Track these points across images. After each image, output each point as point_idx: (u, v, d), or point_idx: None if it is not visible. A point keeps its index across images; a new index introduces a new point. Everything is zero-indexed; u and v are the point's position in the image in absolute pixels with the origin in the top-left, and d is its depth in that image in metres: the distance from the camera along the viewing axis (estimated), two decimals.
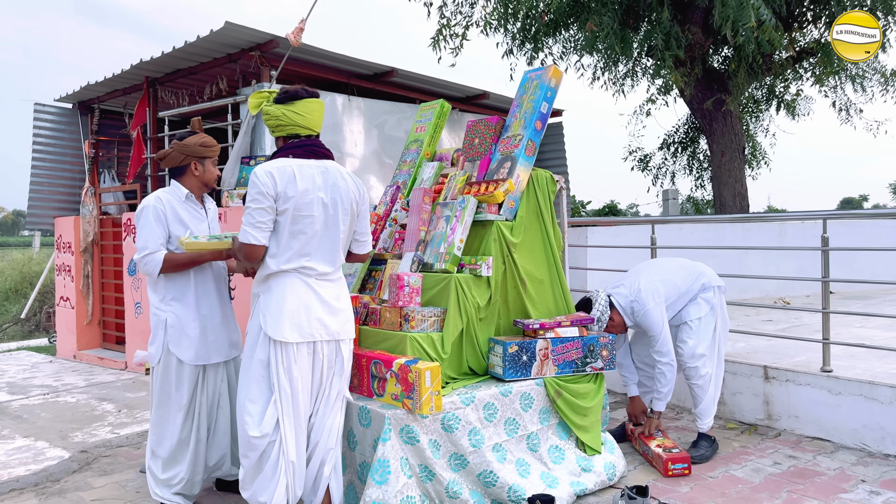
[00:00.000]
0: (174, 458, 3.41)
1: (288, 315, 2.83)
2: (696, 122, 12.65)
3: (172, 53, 6.44)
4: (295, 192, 2.81)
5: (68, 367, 7.58)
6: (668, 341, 3.99)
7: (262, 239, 2.82)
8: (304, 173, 2.85)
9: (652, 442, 4.09)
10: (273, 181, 2.78)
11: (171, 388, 3.39)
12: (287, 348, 2.83)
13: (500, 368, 3.57)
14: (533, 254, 3.86)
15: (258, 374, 2.86)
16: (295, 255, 2.87)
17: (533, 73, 4.06)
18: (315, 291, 2.91)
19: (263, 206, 2.79)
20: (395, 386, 3.17)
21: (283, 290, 2.86)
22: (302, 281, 2.89)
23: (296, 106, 2.95)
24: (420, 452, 3.14)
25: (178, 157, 3.46)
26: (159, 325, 3.38)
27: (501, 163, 3.87)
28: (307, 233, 2.86)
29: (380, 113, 7.06)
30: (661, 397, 4.09)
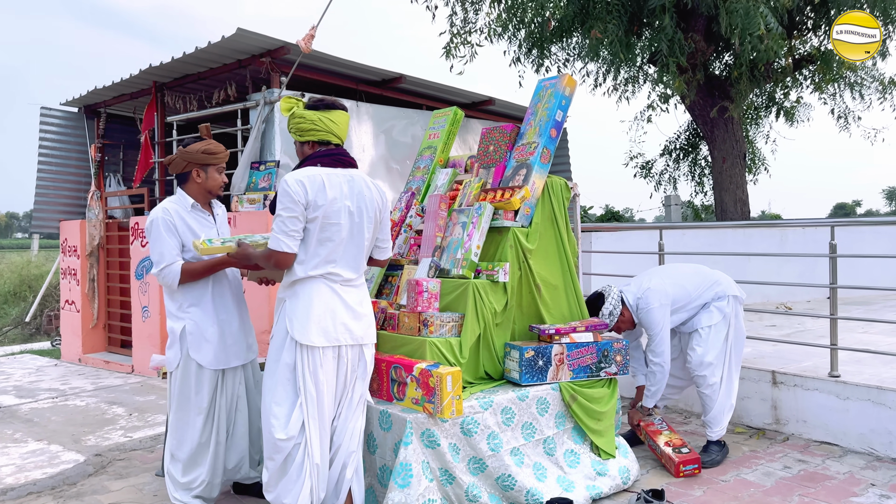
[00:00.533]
0: (194, 461, 3.44)
1: (315, 320, 2.87)
2: (697, 129, 12.74)
3: (182, 59, 6.49)
4: (325, 200, 2.86)
5: (74, 370, 7.59)
6: (663, 343, 4.06)
7: (293, 247, 2.86)
8: (333, 182, 2.91)
9: (660, 438, 4.13)
10: (304, 189, 2.83)
11: (190, 393, 3.42)
12: (313, 352, 2.88)
13: (517, 373, 3.61)
14: (548, 260, 3.91)
15: (284, 377, 2.90)
16: (322, 262, 2.91)
17: (547, 81, 4.11)
18: (340, 297, 2.96)
19: (295, 215, 2.83)
20: (416, 390, 3.21)
21: (310, 295, 2.90)
22: (328, 286, 2.94)
23: (332, 114, 3.04)
24: (440, 456, 3.18)
25: (180, 164, 3.47)
26: (178, 331, 3.41)
27: (517, 170, 3.92)
28: (334, 240, 2.91)
29: (387, 118, 7.12)
30: (651, 395, 4.18)
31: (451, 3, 9.11)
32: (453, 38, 9.02)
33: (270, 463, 2.94)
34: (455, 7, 9.12)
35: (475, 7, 9.27)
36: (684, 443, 4.09)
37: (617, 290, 4.15)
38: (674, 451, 4.01)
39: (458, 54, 8.99)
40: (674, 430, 4.22)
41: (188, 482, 3.43)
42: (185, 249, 3.41)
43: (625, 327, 4.19)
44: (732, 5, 7.01)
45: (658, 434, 4.18)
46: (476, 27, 9.28)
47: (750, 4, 6.81)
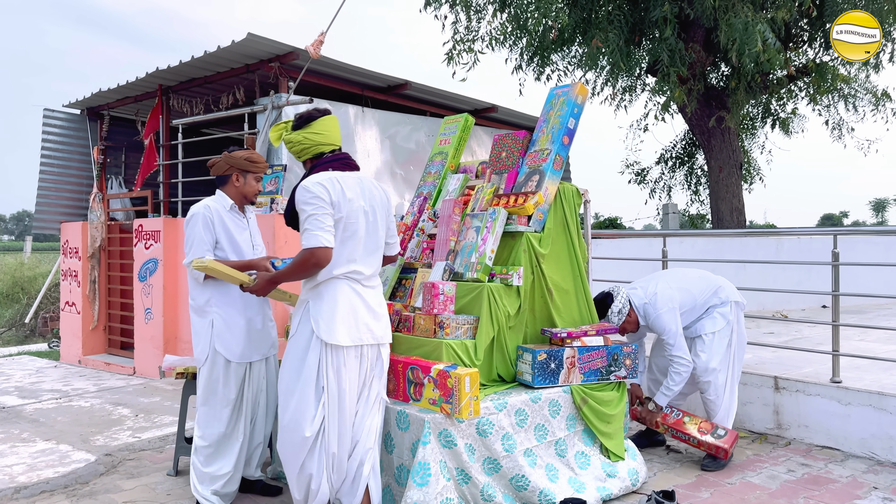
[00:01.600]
0: (219, 451, 3.51)
1: (340, 320, 2.96)
2: (693, 138, 12.88)
3: (190, 62, 6.53)
4: (345, 201, 2.97)
5: (74, 372, 7.59)
6: (683, 342, 4.10)
7: (332, 241, 2.91)
8: (348, 184, 3.03)
9: (690, 427, 4.19)
10: (326, 191, 2.92)
11: (218, 386, 3.50)
12: (338, 351, 2.96)
13: (529, 376, 3.67)
14: (559, 265, 3.98)
15: (309, 376, 2.97)
16: (345, 261, 3.01)
17: (559, 89, 4.19)
18: (362, 297, 3.06)
19: (328, 212, 2.91)
20: (433, 391, 3.27)
21: (335, 295, 2.98)
22: (350, 287, 3.03)
23: (313, 127, 3.16)
24: (457, 456, 3.24)
25: (223, 167, 3.64)
26: (205, 326, 3.50)
27: (529, 176, 3.99)
28: (354, 239, 3.02)
29: (392, 124, 7.18)
30: (669, 393, 4.19)
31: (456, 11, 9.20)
32: (456, 44, 9.11)
33: (289, 457, 3.02)
34: (459, 15, 9.22)
35: (479, 15, 9.38)
36: (713, 424, 4.18)
37: (625, 291, 4.22)
38: (713, 437, 4.11)
39: (460, 61, 9.09)
40: (692, 415, 4.29)
41: (212, 472, 3.49)
42: (219, 247, 3.54)
43: (630, 328, 4.26)
44: (731, 19, 7.14)
45: (683, 424, 4.23)
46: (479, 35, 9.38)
47: (748, 19, 6.94)
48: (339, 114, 6.74)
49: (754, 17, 6.93)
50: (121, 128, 8.73)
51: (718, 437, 4.13)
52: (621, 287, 4.24)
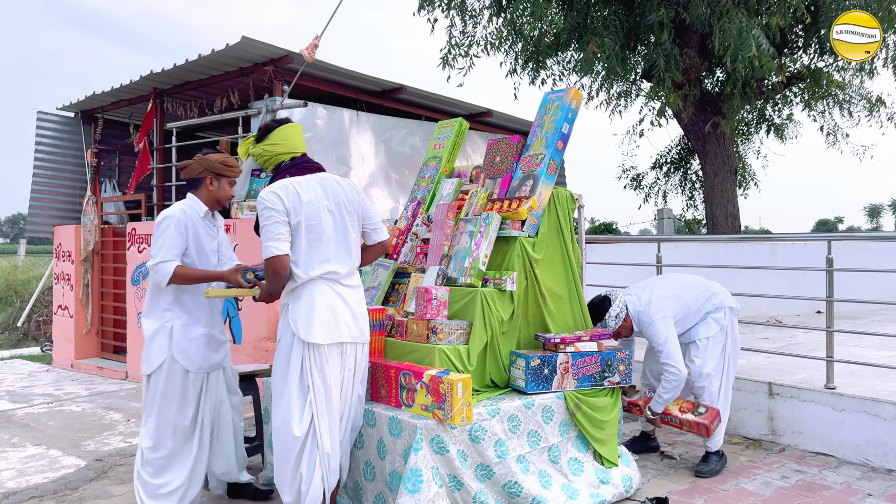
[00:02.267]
0: (171, 464, 3.38)
1: (318, 318, 3.02)
2: (688, 144, 12.90)
3: (184, 66, 6.51)
4: (301, 204, 3.03)
5: (67, 376, 7.55)
6: (674, 351, 4.07)
7: (284, 248, 2.98)
8: (304, 187, 3.09)
9: (673, 407, 4.22)
10: (279, 198, 3.00)
11: (175, 396, 3.38)
12: (319, 350, 3.02)
13: (523, 381, 3.66)
14: (553, 270, 3.97)
15: (295, 377, 3.03)
16: (317, 262, 3.06)
17: (553, 94, 4.18)
18: (340, 296, 3.12)
19: (278, 220, 2.98)
20: (426, 397, 3.25)
21: (312, 295, 3.05)
22: (328, 287, 3.09)
23: (270, 138, 3.29)
24: (449, 462, 3.22)
25: (196, 169, 3.53)
26: (162, 333, 3.37)
27: (523, 181, 3.98)
28: (322, 239, 3.08)
29: (386, 128, 7.17)
30: (662, 401, 4.16)
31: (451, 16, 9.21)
32: (451, 49, 9.11)
33: (282, 460, 3.05)
34: (454, 19, 9.22)
35: (474, 20, 9.38)
36: (694, 404, 4.20)
37: (622, 295, 4.20)
38: (694, 414, 4.13)
39: (455, 65, 9.09)
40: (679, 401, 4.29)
41: (160, 484, 3.35)
42: (186, 254, 3.44)
43: (624, 333, 4.24)
44: (726, 24, 7.15)
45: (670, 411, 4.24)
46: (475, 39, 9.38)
47: (743, 25, 6.95)
48: (333, 118, 6.73)
49: (748, 22, 6.94)
50: (115, 131, 8.70)
51: (699, 414, 4.12)
52: (618, 291, 4.23)
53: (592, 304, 4.18)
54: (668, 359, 4.06)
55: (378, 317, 3.68)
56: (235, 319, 6.24)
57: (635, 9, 8.58)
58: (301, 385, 3.03)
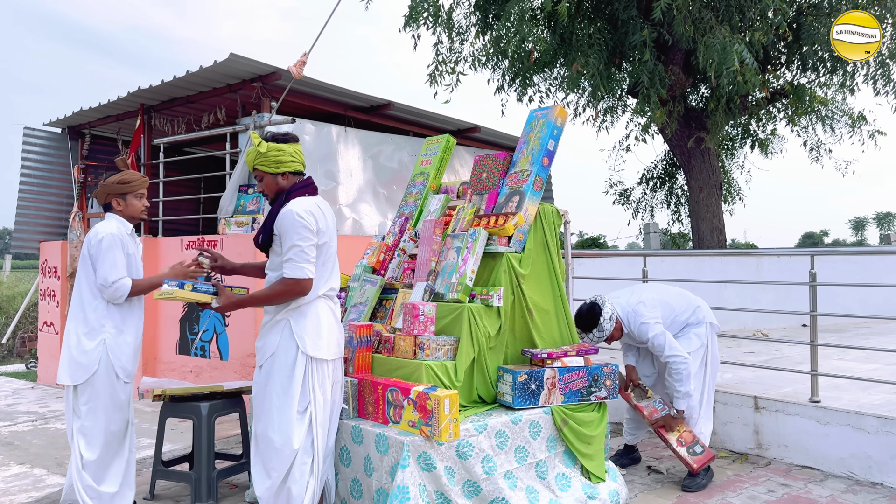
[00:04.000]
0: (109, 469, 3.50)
1: (325, 336, 3.16)
2: (674, 159, 13.02)
3: (172, 82, 6.52)
4: (326, 226, 3.22)
5: (52, 393, 7.47)
6: (670, 340, 4.10)
7: (314, 272, 3.12)
8: (326, 209, 3.28)
9: (672, 436, 4.22)
10: (314, 219, 3.13)
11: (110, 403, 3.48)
12: (322, 365, 3.15)
13: (510, 397, 3.67)
14: (539, 285, 3.99)
15: (295, 392, 3.10)
16: (324, 281, 3.22)
17: (539, 111, 4.22)
18: (334, 314, 3.30)
19: (313, 242, 3.12)
20: (413, 413, 3.25)
21: (318, 313, 3.17)
22: (327, 304, 3.25)
23: (297, 147, 3.37)
24: (437, 479, 3.22)
25: (102, 196, 3.64)
26: (97, 344, 3.43)
27: (510, 197, 4.01)
28: (330, 259, 3.27)
29: (374, 144, 7.20)
30: (682, 396, 4.15)
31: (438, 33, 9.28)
32: (438, 66, 9.18)
33: (275, 473, 3.10)
34: (441, 36, 9.30)
35: (461, 38, 9.46)
36: (694, 438, 4.23)
37: (609, 298, 4.25)
38: (688, 452, 4.17)
39: (442, 82, 9.16)
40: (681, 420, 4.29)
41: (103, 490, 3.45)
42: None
43: (616, 335, 4.29)
44: (710, 40, 7.26)
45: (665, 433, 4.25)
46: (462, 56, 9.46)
47: (726, 40, 7.06)
48: (321, 133, 6.75)
49: (731, 38, 7.05)
50: (102, 147, 8.67)
51: (693, 453, 4.14)
52: (603, 295, 4.27)
53: (581, 312, 4.21)
54: (670, 351, 4.09)
55: (365, 333, 3.69)
56: (222, 336, 6.22)
57: (619, 27, 8.70)
58: (301, 399, 3.10)
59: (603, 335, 4.16)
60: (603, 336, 4.17)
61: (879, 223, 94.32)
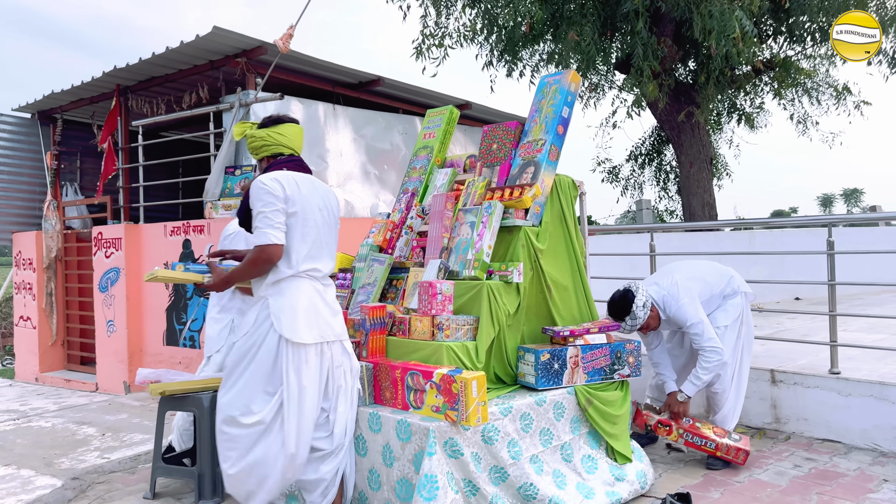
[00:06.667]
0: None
1: (303, 317, 2.92)
2: (661, 135, 12.90)
3: (150, 60, 6.20)
4: (300, 196, 2.98)
5: (32, 390, 7.15)
6: (709, 328, 3.91)
7: (282, 238, 2.92)
8: (302, 182, 3.05)
9: (706, 430, 4.02)
10: (281, 186, 2.94)
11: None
12: (300, 349, 2.90)
13: (532, 377, 3.48)
14: (557, 260, 3.81)
15: (263, 371, 2.90)
16: (305, 258, 2.98)
17: (551, 77, 4.02)
18: (321, 295, 3.04)
19: (277, 208, 2.91)
20: (436, 397, 3.05)
21: (297, 292, 2.95)
22: (311, 285, 3.01)
23: (279, 128, 3.19)
24: (464, 466, 3.02)
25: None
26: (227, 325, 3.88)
27: (523, 168, 3.81)
28: (312, 236, 3.02)
29: (364, 122, 6.94)
30: (698, 383, 3.95)
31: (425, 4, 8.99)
32: (425, 39, 8.91)
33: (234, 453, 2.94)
34: (428, 8, 9.01)
35: (448, 10, 9.18)
36: (726, 431, 4.05)
37: (643, 285, 4.04)
38: (731, 439, 3.99)
39: (430, 55, 8.89)
40: (703, 420, 4.13)
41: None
42: None
43: (654, 325, 4.05)
44: (706, 8, 7.08)
45: (697, 428, 4.04)
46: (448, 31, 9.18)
47: (725, 7, 6.88)
48: (309, 112, 6.47)
49: (730, 5, 6.87)
50: (75, 132, 8.28)
51: (735, 440, 3.98)
52: (637, 282, 4.05)
53: (614, 300, 4.00)
54: (706, 340, 3.90)
55: (378, 314, 3.47)
56: None
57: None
58: (272, 381, 2.90)
59: (636, 324, 3.94)
60: (636, 325, 3.95)
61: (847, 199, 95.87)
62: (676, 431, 4.07)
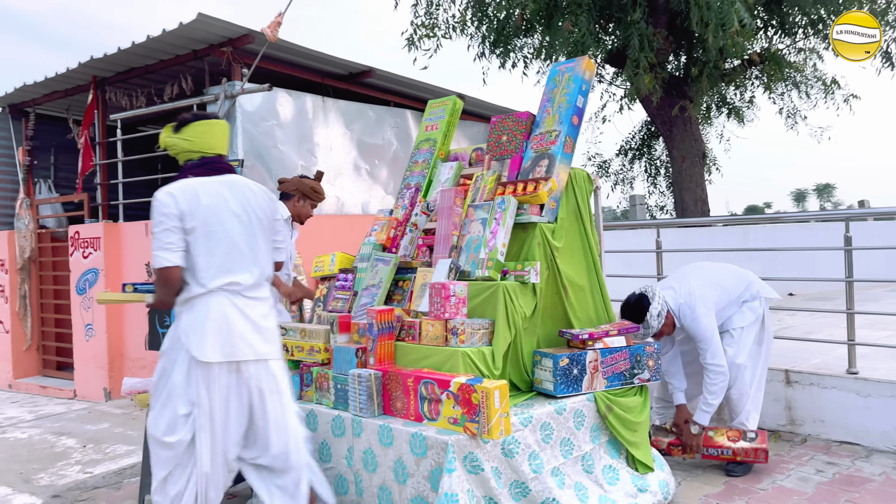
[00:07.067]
0: None
1: (211, 334, 2.71)
2: (652, 129, 12.77)
3: (130, 49, 5.90)
4: (198, 207, 2.74)
5: (5, 397, 6.81)
6: (719, 347, 3.76)
7: (174, 259, 2.72)
8: (208, 189, 2.80)
9: (720, 438, 3.84)
10: (175, 200, 2.72)
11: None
12: (207, 368, 2.70)
13: (551, 384, 3.27)
14: (573, 258, 3.60)
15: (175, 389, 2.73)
16: (218, 272, 2.75)
17: (563, 65, 3.80)
18: (240, 309, 2.78)
19: (168, 227, 2.71)
20: (454, 408, 2.82)
21: (207, 308, 2.74)
22: (227, 299, 2.77)
23: (183, 133, 2.92)
24: (484, 482, 2.81)
25: (292, 186, 4.29)
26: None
27: (536, 161, 3.59)
28: (224, 247, 2.78)
29: (355, 115, 6.68)
30: (709, 409, 3.82)
31: None
32: (417, 29, 8.67)
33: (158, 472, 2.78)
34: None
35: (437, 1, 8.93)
36: (740, 431, 3.87)
37: (660, 290, 3.83)
38: (746, 441, 3.80)
39: (422, 46, 8.64)
40: (714, 427, 3.95)
41: None
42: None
43: (667, 331, 3.87)
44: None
45: (710, 438, 3.86)
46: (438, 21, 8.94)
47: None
48: (296, 104, 6.20)
49: None
50: (49, 126, 7.91)
51: (751, 440, 3.81)
52: (654, 286, 3.84)
53: (628, 304, 3.80)
54: (713, 357, 3.72)
55: (386, 319, 3.23)
56: None
57: None
58: (182, 399, 2.73)
59: (649, 333, 3.74)
60: (649, 334, 3.75)
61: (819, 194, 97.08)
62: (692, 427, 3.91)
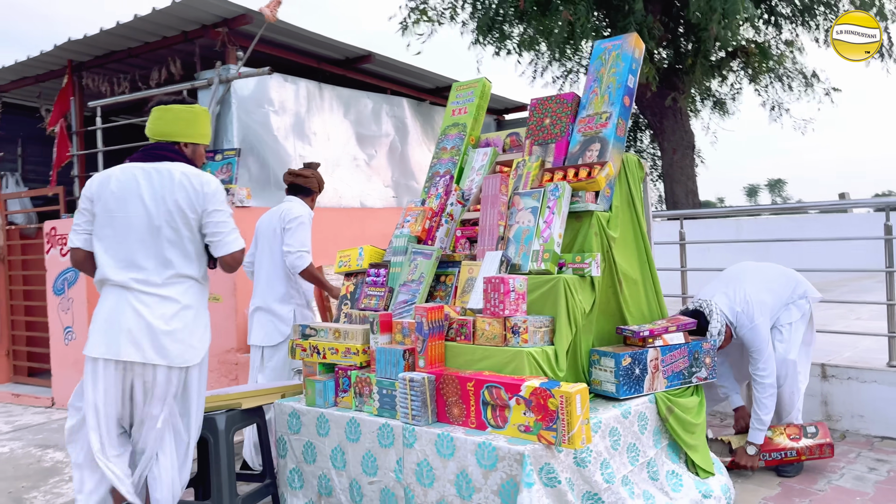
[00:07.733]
0: None
1: (98, 329, 2.71)
2: (638, 120, 12.67)
3: (111, 31, 5.49)
4: (107, 192, 2.72)
5: None
6: (772, 360, 3.57)
7: (76, 241, 2.78)
8: (125, 174, 2.75)
9: (781, 440, 3.66)
10: (91, 183, 2.79)
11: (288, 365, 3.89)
12: (91, 362, 2.70)
13: (612, 385, 3.03)
14: (627, 250, 3.36)
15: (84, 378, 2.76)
16: (120, 263, 2.71)
17: (608, 43, 3.56)
18: (134, 308, 2.68)
19: (80, 209, 2.79)
20: (525, 415, 2.55)
21: (105, 300, 2.74)
22: (123, 295, 2.69)
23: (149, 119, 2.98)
24: (561, 496, 2.54)
25: (313, 181, 4.11)
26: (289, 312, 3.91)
27: (586, 145, 3.34)
28: (130, 237, 2.71)
29: (352, 102, 6.35)
30: (763, 426, 3.59)
31: None
32: (410, 13, 8.36)
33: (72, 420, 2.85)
34: None
35: None
36: (798, 427, 3.70)
37: (715, 304, 3.59)
38: (809, 437, 3.64)
39: (415, 31, 8.34)
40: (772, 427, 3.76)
41: None
42: None
43: (724, 345, 3.65)
44: None
45: (771, 442, 3.67)
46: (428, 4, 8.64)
47: None
48: (290, 89, 5.84)
49: None
50: (16, 115, 7.41)
51: (812, 435, 3.63)
52: (709, 300, 3.59)
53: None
54: (765, 368, 3.54)
55: (436, 317, 2.94)
56: None
57: None
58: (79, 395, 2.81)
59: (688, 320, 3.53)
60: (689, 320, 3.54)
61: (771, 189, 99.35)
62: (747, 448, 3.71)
